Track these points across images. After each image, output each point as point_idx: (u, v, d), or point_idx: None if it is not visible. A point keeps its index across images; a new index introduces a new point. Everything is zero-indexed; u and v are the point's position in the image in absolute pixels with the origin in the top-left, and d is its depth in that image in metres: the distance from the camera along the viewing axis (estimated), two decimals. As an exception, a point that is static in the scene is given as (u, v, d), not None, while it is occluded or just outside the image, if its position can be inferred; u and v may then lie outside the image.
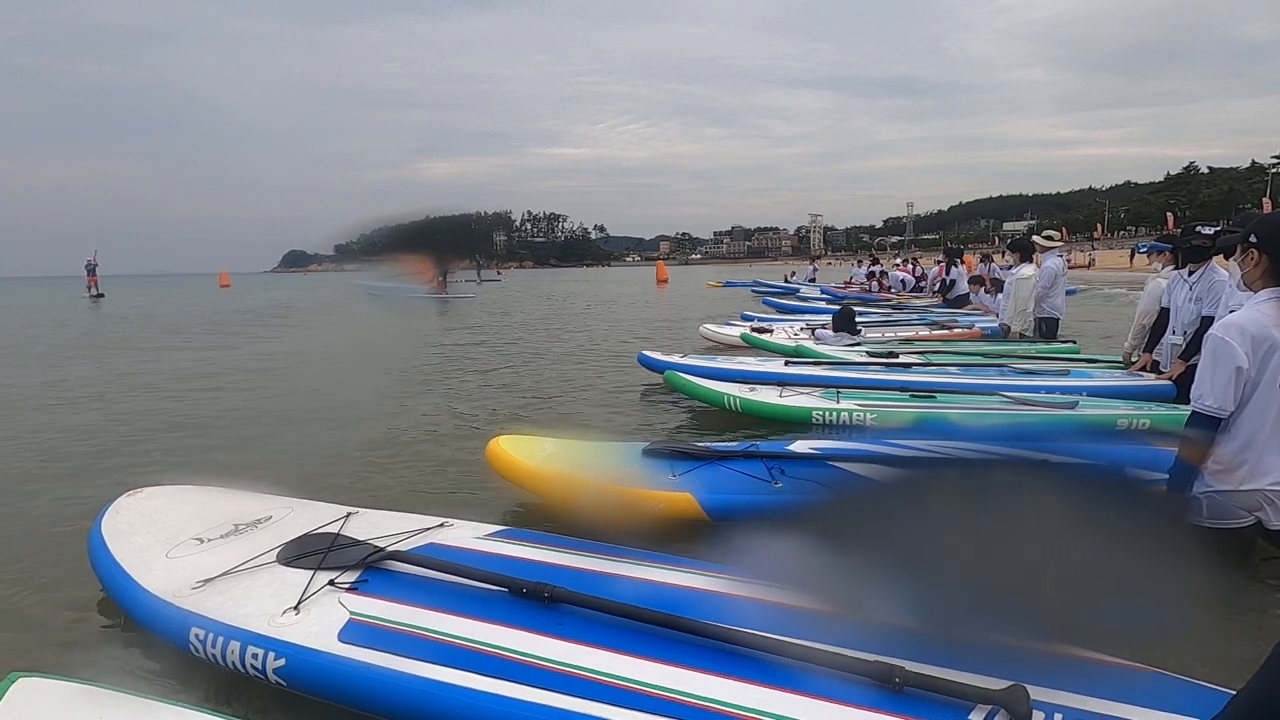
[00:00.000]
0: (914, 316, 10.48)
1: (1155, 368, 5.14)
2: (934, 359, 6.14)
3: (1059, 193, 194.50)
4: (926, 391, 4.89)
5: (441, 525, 2.47)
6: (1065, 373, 5.44)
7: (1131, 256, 40.84)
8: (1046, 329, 8.05)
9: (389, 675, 1.70)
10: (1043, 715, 1.46)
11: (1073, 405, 4.46)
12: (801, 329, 8.63)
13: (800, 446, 3.26)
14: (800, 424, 4.49)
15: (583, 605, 1.84)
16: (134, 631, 2.24)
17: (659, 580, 2.04)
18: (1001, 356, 6.16)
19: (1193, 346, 4.37)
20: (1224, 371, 2.35)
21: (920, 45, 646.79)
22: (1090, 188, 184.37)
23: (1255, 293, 2.44)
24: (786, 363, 5.90)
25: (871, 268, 20.35)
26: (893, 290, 16.86)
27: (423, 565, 2.09)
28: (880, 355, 6.36)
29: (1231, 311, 2.91)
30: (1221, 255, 4.16)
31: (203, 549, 2.38)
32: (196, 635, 1.95)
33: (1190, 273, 4.44)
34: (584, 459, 3.32)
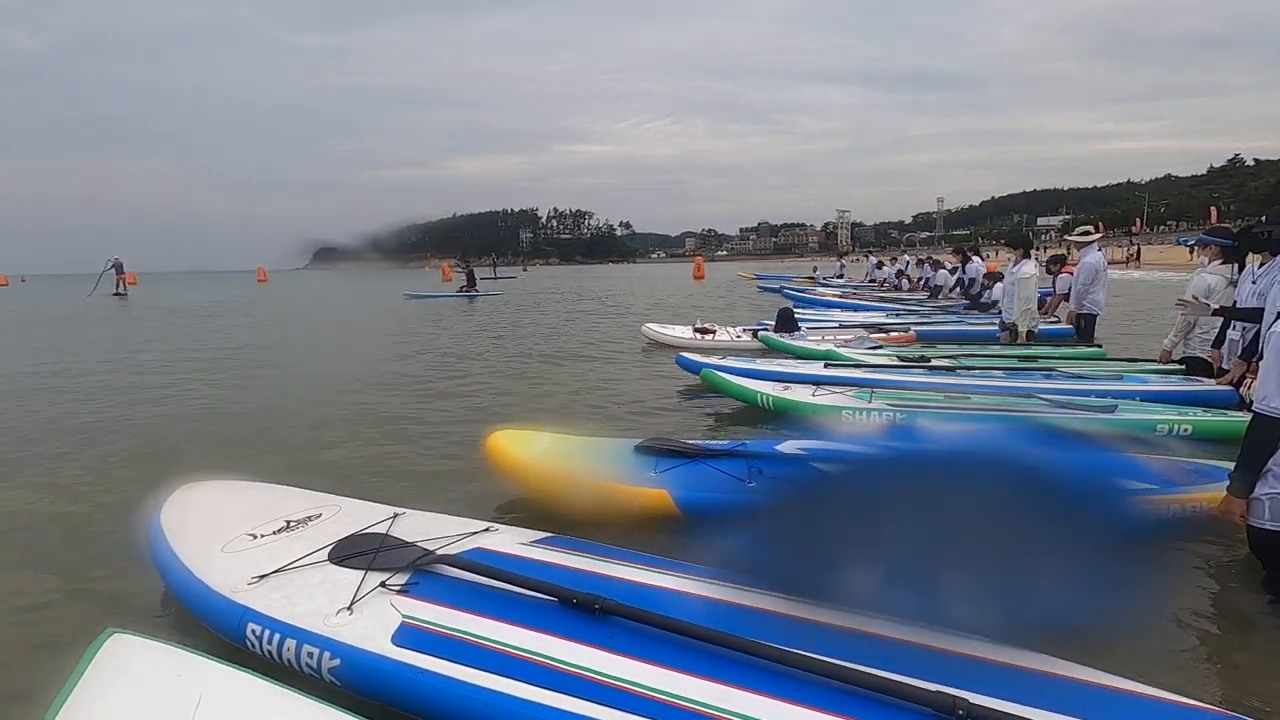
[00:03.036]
0: (857, 319, 10.48)
1: (1219, 371, 4.89)
2: (966, 361, 6.06)
3: (1095, 187, 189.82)
4: (961, 394, 4.84)
5: (487, 530, 2.49)
6: (1118, 377, 5.29)
7: (1139, 256, 39.04)
8: (1085, 325, 7.85)
9: (442, 681, 1.71)
10: None
11: (1111, 410, 4.34)
12: (741, 330, 8.90)
13: (787, 447, 3.24)
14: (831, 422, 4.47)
15: (634, 618, 1.82)
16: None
17: (713, 596, 2.00)
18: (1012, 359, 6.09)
19: (1252, 344, 4.19)
20: None
21: (949, 38, 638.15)
22: (1128, 181, 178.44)
23: None
24: (826, 365, 5.91)
25: (881, 268, 20.07)
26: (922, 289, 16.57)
27: (472, 570, 2.10)
28: (910, 359, 6.31)
29: None
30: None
31: (256, 544, 2.42)
32: (253, 631, 1.98)
33: (1260, 264, 4.22)
34: (575, 454, 3.33)
